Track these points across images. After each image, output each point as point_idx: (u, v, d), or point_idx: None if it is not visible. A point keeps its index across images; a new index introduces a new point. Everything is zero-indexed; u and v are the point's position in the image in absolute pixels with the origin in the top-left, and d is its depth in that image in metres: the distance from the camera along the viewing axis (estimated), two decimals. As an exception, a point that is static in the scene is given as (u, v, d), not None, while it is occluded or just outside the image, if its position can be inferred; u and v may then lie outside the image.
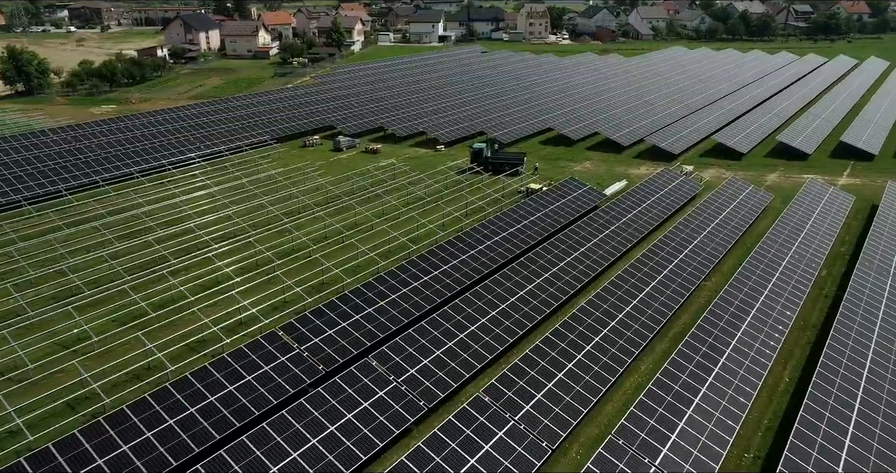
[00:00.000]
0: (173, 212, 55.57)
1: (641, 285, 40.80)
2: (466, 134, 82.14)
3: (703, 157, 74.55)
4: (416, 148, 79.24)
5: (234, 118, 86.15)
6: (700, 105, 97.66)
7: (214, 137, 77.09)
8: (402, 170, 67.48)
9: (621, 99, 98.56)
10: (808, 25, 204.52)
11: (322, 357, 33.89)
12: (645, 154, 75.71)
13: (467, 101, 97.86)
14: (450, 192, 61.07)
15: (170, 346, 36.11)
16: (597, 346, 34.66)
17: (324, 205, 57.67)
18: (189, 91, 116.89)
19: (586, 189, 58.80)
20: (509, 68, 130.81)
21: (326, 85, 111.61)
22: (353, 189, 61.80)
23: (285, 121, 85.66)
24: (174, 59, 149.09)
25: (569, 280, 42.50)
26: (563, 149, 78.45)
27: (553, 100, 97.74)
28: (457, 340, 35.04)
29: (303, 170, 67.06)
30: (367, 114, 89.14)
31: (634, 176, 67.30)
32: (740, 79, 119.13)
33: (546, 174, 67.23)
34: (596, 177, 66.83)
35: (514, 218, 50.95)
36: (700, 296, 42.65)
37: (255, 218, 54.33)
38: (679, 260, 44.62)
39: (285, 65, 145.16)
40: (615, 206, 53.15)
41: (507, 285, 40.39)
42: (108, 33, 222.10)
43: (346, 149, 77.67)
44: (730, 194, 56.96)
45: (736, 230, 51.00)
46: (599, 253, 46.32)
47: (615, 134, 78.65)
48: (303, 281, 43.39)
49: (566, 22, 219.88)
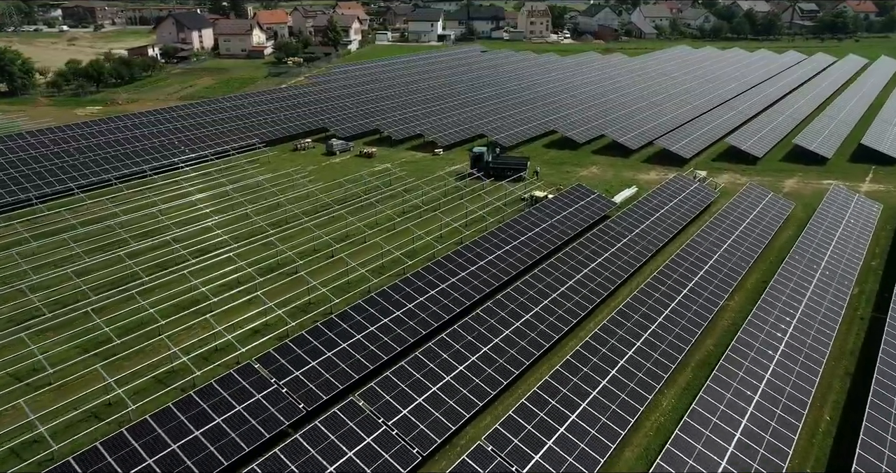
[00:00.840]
0: (150, 222, 51.64)
1: (660, 306, 36.91)
2: (466, 137, 78.25)
3: (716, 162, 70.64)
4: (412, 151, 75.34)
5: (222, 120, 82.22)
6: (709, 106, 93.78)
7: (201, 141, 73.17)
8: (397, 175, 63.59)
9: (627, 100, 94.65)
10: (814, 24, 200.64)
11: (303, 393, 29.99)
12: (654, 158, 71.81)
13: (467, 103, 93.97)
14: (448, 200, 57.19)
15: (135, 379, 32.23)
16: (613, 380, 30.75)
17: (313, 214, 53.77)
18: (179, 91, 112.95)
19: (595, 196, 54.92)
20: (510, 68, 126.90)
21: (321, 85, 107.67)
22: (345, 196, 57.92)
23: (276, 123, 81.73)
24: (166, 58, 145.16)
25: (578, 301, 38.60)
26: (568, 152, 74.54)
27: (556, 102, 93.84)
28: (455, 373, 31.14)
29: (292, 175, 63.13)
30: (363, 116, 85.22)
31: (644, 181, 63.42)
32: (749, 79, 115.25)
33: (551, 180, 63.34)
34: (604, 183, 62.96)
35: (518, 229, 47.06)
36: (724, 318, 38.76)
37: (239, 229, 50.42)
38: (699, 278, 40.72)
39: (280, 64, 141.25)
40: (627, 216, 49.26)
41: (512, 307, 36.49)
42: (102, 33, 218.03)
43: (340, 153, 73.76)
44: (749, 202, 53.07)
45: (758, 242, 47.12)
46: (612, 269, 42.41)
47: (622, 137, 74.75)
48: (287, 301, 39.49)
49: (567, 21, 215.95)
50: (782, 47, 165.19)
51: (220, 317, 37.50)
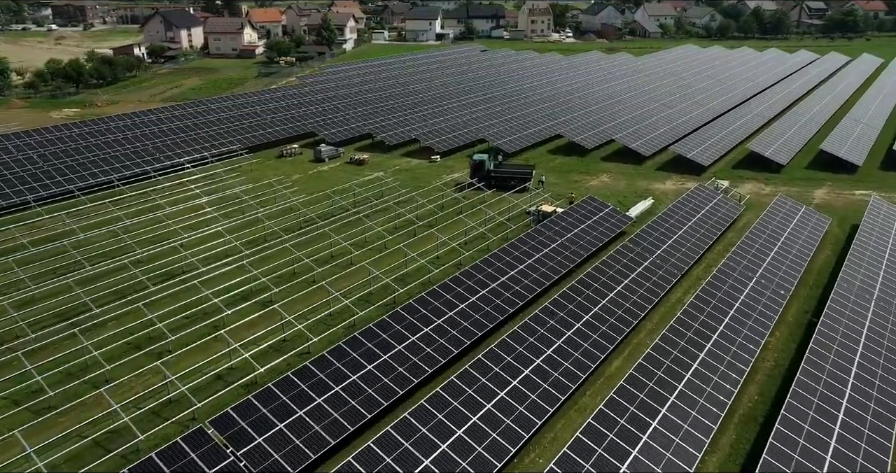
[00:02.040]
0: (110, 241, 46.01)
1: (693, 348, 31.34)
2: (465, 142, 72.65)
3: (737, 170, 65.07)
4: (407, 158, 69.73)
5: (204, 124, 76.58)
6: (724, 108, 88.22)
7: (178, 147, 67.53)
8: (390, 186, 57.99)
9: (636, 102, 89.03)
10: (823, 23, 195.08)
11: (265, 467, 24.42)
12: (669, 165, 66.22)
13: (466, 105, 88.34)
14: (446, 214, 51.61)
15: (67, 444, 26.67)
16: (644, 448, 25.20)
17: (294, 231, 48.17)
18: (163, 92, 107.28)
19: (608, 210, 49.40)
20: (511, 68, 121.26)
21: (312, 86, 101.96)
22: (331, 210, 52.35)
23: (262, 127, 76.08)
24: (153, 58, 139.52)
25: (597, 339, 33.04)
26: (576, 159, 68.93)
27: (561, 104, 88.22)
28: (453, 439, 25.59)
29: (274, 186, 57.50)
30: (354, 120, 79.57)
31: (661, 192, 57.91)
32: (762, 79, 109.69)
33: (558, 190, 57.79)
34: (616, 193, 57.45)
35: (524, 251, 41.49)
36: (766, 359, 33.20)
37: (209, 249, 44.78)
38: (735, 311, 35.17)
39: (271, 64, 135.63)
40: (647, 234, 43.70)
41: (520, 350, 30.94)
42: (91, 32, 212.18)
43: (329, 160, 68.12)
44: (781, 218, 47.53)
45: (795, 265, 41.56)
46: (633, 299, 36.86)
47: (634, 142, 69.14)
48: (257, 340, 33.93)
49: (569, 19, 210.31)
50: (792, 46, 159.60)
51: (174, 364, 31.91)
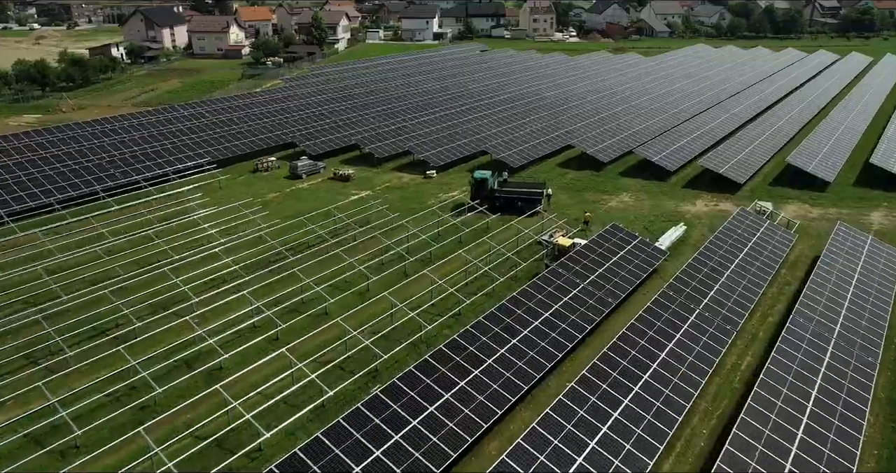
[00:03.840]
0: (35, 285, 37.68)
1: (786, 443, 23.10)
2: (464, 154, 64.37)
3: (776, 187, 56.86)
4: (399, 173, 61.49)
5: (172, 133, 68.27)
6: (750, 114, 79.99)
7: (139, 161, 59.18)
8: (377, 209, 49.70)
9: (653, 107, 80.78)
10: (837, 22, 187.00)
11: None
12: (698, 182, 58.01)
13: (464, 111, 79.99)
14: (442, 247, 43.32)
15: None
16: None
17: (258, 270, 39.84)
18: (136, 96, 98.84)
19: (637, 242, 41.22)
20: (513, 70, 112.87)
21: (297, 89, 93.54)
22: (307, 241, 44.07)
23: (237, 136, 67.71)
24: (132, 58, 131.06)
25: (643, 436, 24.79)
26: (590, 174, 60.65)
27: (570, 110, 79.97)
28: None
29: (242, 209, 49.15)
30: (341, 128, 71.21)
31: (692, 215, 49.77)
32: (785, 82, 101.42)
33: (573, 213, 49.58)
34: (640, 217, 49.30)
35: (540, 300, 33.27)
36: (868, 461, 24.99)
37: (152, 296, 36.45)
38: (818, 390, 26.97)
39: (258, 65, 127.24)
40: (688, 276, 35.47)
41: (532, 453, 22.69)
42: (75, 31, 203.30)
43: (307, 176, 59.72)
44: (847, 253, 39.37)
45: (877, 320, 33.40)
46: (682, 370, 28.61)
47: (656, 155, 60.82)
48: (186, 424, 25.64)
49: (572, 18, 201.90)
50: (809, 46, 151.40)
51: (83, 453, 23.63)
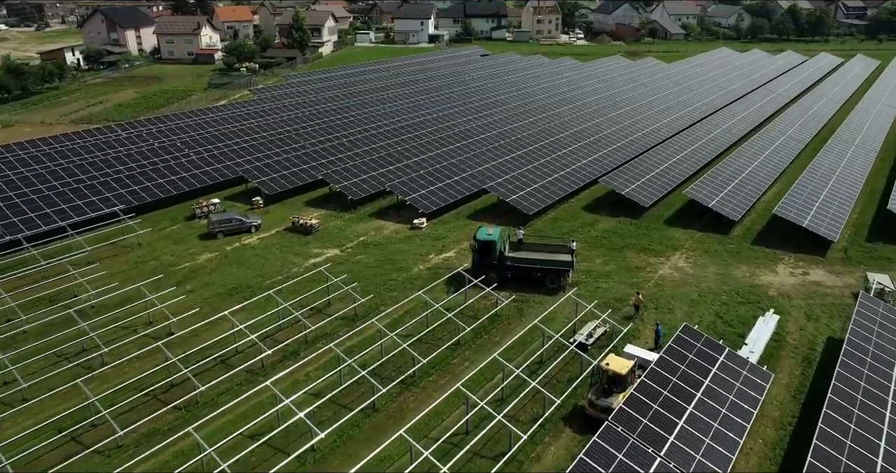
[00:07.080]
0: None
1: None
2: (462, 195, 50.20)
3: (874, 244, 42.87)
4: (378, 220, 47.32)
5: (96, 164, 54.07)
6: (806, 136, 65.98)
7: (30, 205, 44.91)
8: (342, 288, 35.41)
9: (693, 132, 66.60)
10: (865, 23, 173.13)
11: None
12: (770, 235, 43.93)
13: (462, 135, 65.58)
14: (430, 356, 29.09)
15: None
16: None
17: (154, 412, 25.63)
18: (79, 110, 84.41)
19: (725, 355, 27.19)
20: (519, 78, 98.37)
21: (266, 104, 79.12)
22: (233, 350, 29.85)
23: (175, 169, 53.37)
24: (90, 63, 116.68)
25: None
26: (627, 222, 46.46)
27: (590, 130, 65.67)
28: None
29: (146, 294, 34.74)
30: (308, 158, 56.91)
31: (776, 290, 35.91)
32: (835, 94, 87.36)
33: (613, 287, 35.53)
34: (706, 295, 35.39)
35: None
36: None
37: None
38: None
39: (231, 72, 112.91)
40: (830, 426, 21.34)
41: None
42: (44, 32, 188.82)
43: (223, 236, 44.52)
44: None
45: None
46: None
47: (713, 199, 46.62)
48: None
49: (579, 19, 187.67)
50: (841, 50, 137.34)
51: None
